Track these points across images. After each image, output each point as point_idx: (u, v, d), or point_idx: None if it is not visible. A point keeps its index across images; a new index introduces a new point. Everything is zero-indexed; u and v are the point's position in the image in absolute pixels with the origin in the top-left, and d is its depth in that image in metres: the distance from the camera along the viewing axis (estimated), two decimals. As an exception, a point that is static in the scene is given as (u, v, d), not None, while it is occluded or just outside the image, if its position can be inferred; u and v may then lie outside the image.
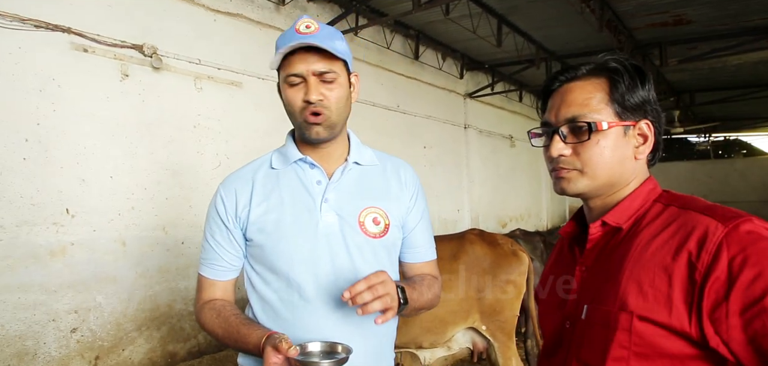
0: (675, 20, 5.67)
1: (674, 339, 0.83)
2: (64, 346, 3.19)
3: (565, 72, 1.00)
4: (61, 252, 3.19)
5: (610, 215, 0.96)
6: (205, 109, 4.04)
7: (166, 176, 3.76)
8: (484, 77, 8.16)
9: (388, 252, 1.31)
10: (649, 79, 0.96)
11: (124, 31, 3.51)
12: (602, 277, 0.94)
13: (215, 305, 1.28)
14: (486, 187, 8.39)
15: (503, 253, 3.62)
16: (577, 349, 0.94)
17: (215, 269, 1.30)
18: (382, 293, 1.08)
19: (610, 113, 0.93)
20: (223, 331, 1.23)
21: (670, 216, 0.90)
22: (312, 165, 1.28)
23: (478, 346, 3.71)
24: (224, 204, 1.28)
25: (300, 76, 1.18)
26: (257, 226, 1.24)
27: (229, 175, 1.33)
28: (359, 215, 1.26)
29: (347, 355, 1.07)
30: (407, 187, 1.36)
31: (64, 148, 3.21)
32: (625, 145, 0.94)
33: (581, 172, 0.96)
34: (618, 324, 0.86)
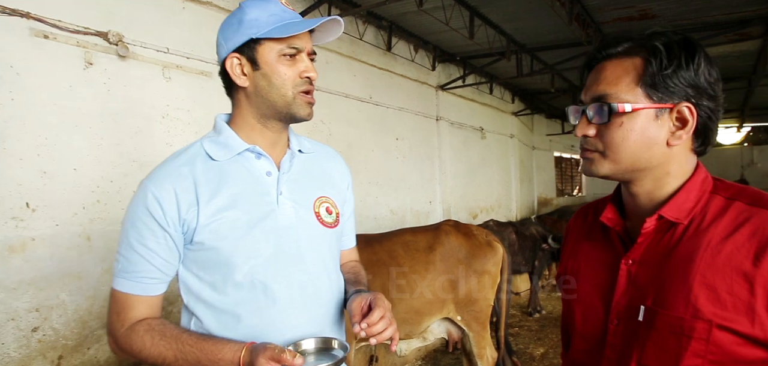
0: (641, 14, 5.81)
1: (753, 347, 0.82)
2: (25, 346, 3.05)
3: (605, 47, 0.95)
4: (21, 248, 3.05)
5: (667, 209, 0.91)
6: (175, 99, 3.92)
7: (134, 168, 3.63)
8: (456, 69, 8.20)
9: (338, 242, 1.32)
10: (700, 58, 0.87)
11: (87, 17, 3.36)
12: (663, 276, 0.89)
13: (152, 325, 1.11)
14: (457, 178, 8.45)
15: (478, 243, 3.65)
16: (637, 353, 0.90)
17: (144, 283, 1.13)
18: (391, 320, 1.10)
19: (640, 95, 0.88)
20: (174, 353, 1.06)
21: (739, 214, 0.86)
22: (259, 155, 1.19)
23: (452, 336, 3.74)
24: (161, 204, 1.11)
25: (299, 50, 1.14)
26: (210, 228, 1.11)
27: (156, 171, 1.17)
28: (314, 205, 1.23)
29: (345, 353, 1.05)
30: (343, 176, 1.38)
31: (24, 139, 3.06)
32: (655, 129, 0.89)
33: (603, 155, 0.93)
34: (693, 333, 0.84)
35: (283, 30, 1.11)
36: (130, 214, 1.16)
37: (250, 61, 1.15)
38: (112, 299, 1.15)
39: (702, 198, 0.91)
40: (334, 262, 1.28)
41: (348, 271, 1.37)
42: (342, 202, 1.33)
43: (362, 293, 1.20)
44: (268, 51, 1.14)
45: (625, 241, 0.99)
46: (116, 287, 1.14)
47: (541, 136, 13.57)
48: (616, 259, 0.97)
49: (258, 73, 1.15)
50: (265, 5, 1.15)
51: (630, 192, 0.97)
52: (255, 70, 1.15)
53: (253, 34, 1.13)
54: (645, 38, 0.91)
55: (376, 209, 6.36)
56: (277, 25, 1.12)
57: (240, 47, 1.15)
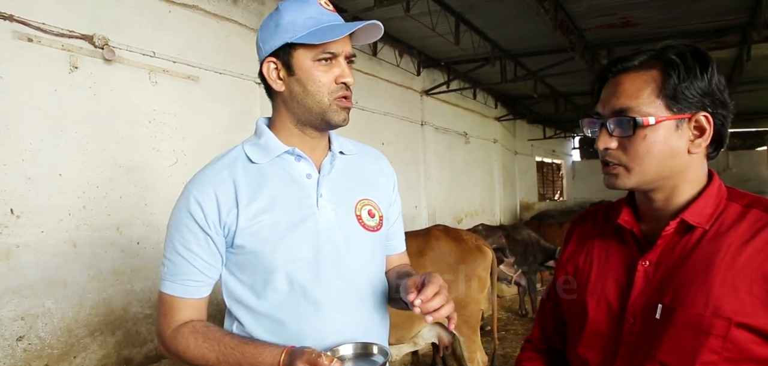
0: (622, 22, 5.95)
1: (765, 344, 0.86)
2: (10, 355, 2.98)
3: (620, 61, 0.96)
4: (5, 255, 2.98)
5: (689, 214, 0.94)
6: (161, 104, 3.88)
7: (120, 174, 3.58)
8: (440, 75, 8.26)
9: (382, 245, 1.26)
10: (712, 67, 0.91)
11: (72, 20, 3.31)
12: (681, 277, 0.92)
13: (197, 327, 1.12)
14: (442, 183, 8.51)
15: (468, 248, 3.68)
16: (653, 350, 0.92)
17: (189, 286, 1.14)
18: (448, 297, 1.04)
19: (661, 107, 0.91)
20: (217, 356, 1.08)
21: (757, 220, 0.91)
22: (299, 157, 1.17)
23: (443, 341, 3.75)
24: (202, 208, 1.11)
25: (335, 55, 1.11)
26: (250, 230, 1.11)
27: (199, 174, 1.17)
28: (355, 208, 1.19)
29: (386, 359, 1.03)
30: (389, 179, 1.33)
31: (8, 144, 3.00)
32: (677, 139, 0.92)
33: (628, 169, 0.95)
34: (712, 329, 0.87)
35: (318, 35, 1.08)
36: (173, 218, 1.16)
37: (285, 66, 1.13)
38: (159, 302, 1.17)
39: (720, 204, 0.95)
40: (377, 266, 1.24)
41: (397, 271, 1.32)
42: (387, 205, 1.28)
43: (406, 275, 1.22)
44: (303, 56, 1.11)
45: (640, 242, 1.01)
46: (163, 290, 1.15)
47: (524, 141, 13.73)
48: (633, 259, 1.00)
49: (293, 78, 1.13)
50: (303, 7, 1.11)
51: (648, 197, 1.00)
52: (290, 75, 1.13)
53: (288, 39, 1.10)
54: (659, 51, 0.94)
55: (363, 214, 6.36)
56: (313, 30, 1.09)
57: (276, 51, 1.13)
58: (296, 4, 1.13)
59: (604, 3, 5.39)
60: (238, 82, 4.52)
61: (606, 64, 1.00)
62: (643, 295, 0.96)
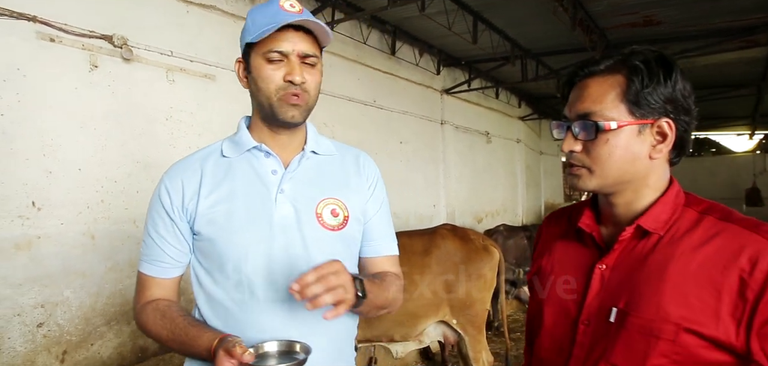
0: (645, 21, 5.81)
1: (714, 350, 0.87)
2: (30, 341, 3.13)
3: (586, 65, 0.98)
4: (26, 245, 3.13)
5: (645, 220, 0.95)
6: (178, 102, 4.00)
7: (137, 169, 3.71)
8: (461, 74, 8.22)
9: (347, 245, 1.25)
10: (676, 74, 0.92)
11: (92, 20, 3.45)
12: (635, 282, 0.94)
13: (158, 305, 1.19)
14: (462, 182, 8.47)
15: (474, 248, 3.68)
16: (608, 353, 0.94)
17: (158, 266, 1.21)
18: (335, 284, 1.02)
19: (624, 111, 0.92)
20: (168, 334, 1.15)
21: (710, 227, 0.91)
22: (267, 153, 1.22)
23: (449, 340, 3.76)
24: (169, 194, 1.19)
25: (283, 54, 1.13)
26: (206, 218, 1.17)
27: (174, 164, 1.25)
28: (316, 207, 1.21)
29: (306, 356, 1.03)
30: (366, 178, 1.31)
31: (30, 140, 3.15)
32: (638, 144, 0.93)
33: (590, 171, 0.97)
34: (661, 334, 0.88)
35: (261, 34, 1.12)
36: (149, 204, 1.25)
37: (246, 65, 1.20)
38: (137, 280, 1.26)
39: (676, 211, 0.96)
40: None
41: (373, 274, 1.28)
42: (361, 204, 1.27)
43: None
44: (255, 55, 1.16)
45: (599, 246, 1.03)
46: (139, 269, 1.25)
47: (549, 141, 13.51)
48: (591, 263, 1.02)
49: (251, 77, 1.19)
50: (264, 9, 1.15)
51: (609, 202, 1.01)
52: (249, 74, 1.19)
53: (246, 39, 1.16)
54: (625, 56, 0.95)
55: (379, 212, 6.39)
56: (261, 30, 1.12)
57: (243, 52, 1.20)
58: (261, 6, 1.17)
59: (625, 2, 5.28)
60: (254, 80, 4.62)
61: (573, 67, 1.02)
62: (598, 298, 0.98)
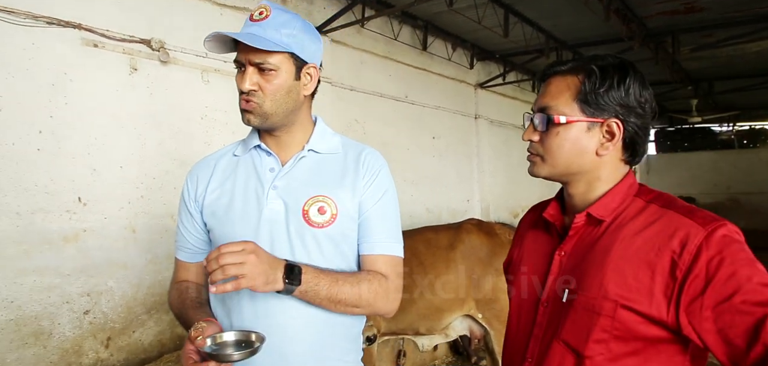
0: (686, 8, 5.58)
1: (650, 326, 0.94)
2: (78, 327, 3.36)
3: (554, 66, 1.10)
4: (74, 238, 3.36)
5: (594, 208, 1.04)
6: (213, 101, 4.17)
7: (175, 166, 3.90)
8: (496, 67, 8.13)
9: (335, 243, 1.26)
10: (630, 80, 1.01)
11: (132, 26, 3.65)
12: (585, 265, 1.02)
13: (181, 287, 1.36)
14: (497, 177, 8.39)
15: (500, 242, 3.68)
16: (559, 330, 1.02)
17: (184, 252, 1.39)
18: (227, 263, 1.05)
19: (575, 109, 1.02)
20: (177, 312, 1.32)
21: (652, 214, 0.99)
22: (268, 153, 1.31)
23: (475, 334, 3.78)
24: (188, 189, 1.37)
25: (242, 63, 1.23)
26: (210, 209, 1.31)
27: (196, 163, 1.41)
28: (304, 204, 1.25)
29: (260, 345, 1.07)
30: (364, 173, 1.31)
31: (76, 140, 3.37)
32: (587, 140, 1.03)
33: (543, 159, 1.08)
34: (602, 310, 0.96)
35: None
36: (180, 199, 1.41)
37: None
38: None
39: (626, 200, 1.04)
40: (324, 260, 1.25)
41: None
42: (353, 201, 1.28)
43: None
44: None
45: (561, 235, 1.13)
46: (175, 254, 1.43)
47: (590, 133, 13.15)
48: (553, 250, 1.12)
49: None
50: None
51: (568, 193, 1.12)
52: None
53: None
54: (587, 60, 1.05)
55: (412, 207, 6.44)
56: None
57: None
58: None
59: (663, -12, 5.11)
60: (286, 79, 4.75)
61: (545, 67, 1.14)
62: (556, 282, 1.08)
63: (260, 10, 1.23)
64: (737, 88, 9.57)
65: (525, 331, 1.12)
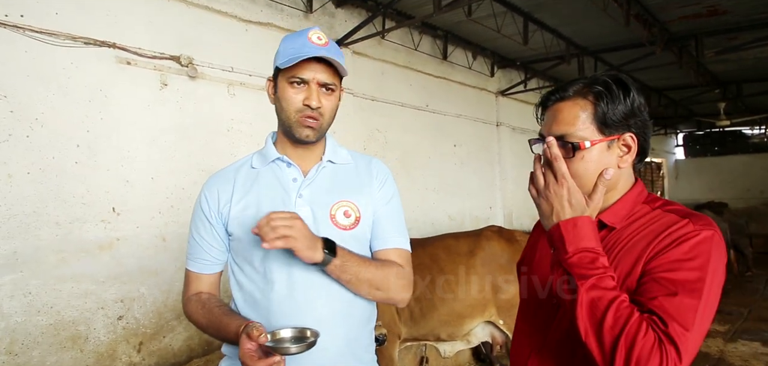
0: (709, 11, 5.53)
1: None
2: (112, 331, 3.52)
3: (557, 91, 1.14)
4: (108, 246, 3.52)
5: (605, 215, 1.11)
6: (238, 114, 4.31)
7: (203, 177, 4.04)
8: (517, 75, 8.14)
9: (360, 243, 1.39)
10: (632, 91, 1.08)
11: (162, 43, 3.82)
12: None
13: (201, 298, 1.39)
14: (520, 184, 8.37)
15: (520, 248, 3.70)
16: (569, 324, 1.08)
17: (200, 263, 1.41)
18: (279, 225, 1.15)
19: (594, 131, 1.07)
20: (206, 321, 1.35)
21: (653, 217, 1.07)
22: (288, 164, 1.39)
23: (496, 340, 3.81)
24: (207, 201, 1.40)
25: (304, 80, 1.31)
26: (237, 220, 1.35)
27: (212, 175, 1.47)
28: (331, 209, 1.36)
29: (315, 339, 1.17)
30: (375, 178, 1.46)
31: (111, 153, 3.54)
32: (608, 157, 1.08)
33: None
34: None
35: (287, 62, 1.30)
36: (193, 211, 1.46)
37: (274, 85, 1.40)
38: (184, 276, 1.46)
39: (635, 207, 1.12)
40: None
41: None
42: (370, 205, 1.41)
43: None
44: (281, 79, 1.35)
45: None
46: (186, 266, 1.46)
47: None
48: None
49: (276, 96, 1.39)
50: (293, 40, 1.34)
51: None
52: (275, 94, 1.40)
53: (276, 64, 1.36)
54: (588, 82, 1.10)
55: (434, 214, 6.49)
56: (289, 58, 1.30)
57: (273, 74, 1.40)
58: (292, 36, 1.37)
59: (684, -7, 5.08)
60: (308, 91, 4.87)
61: (545, 94, 1.19)
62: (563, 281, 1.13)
63: (318, 36, 1.33)
64: (767, 90, 9.37)
65: (539, 320, 1.20)
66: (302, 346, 1.15)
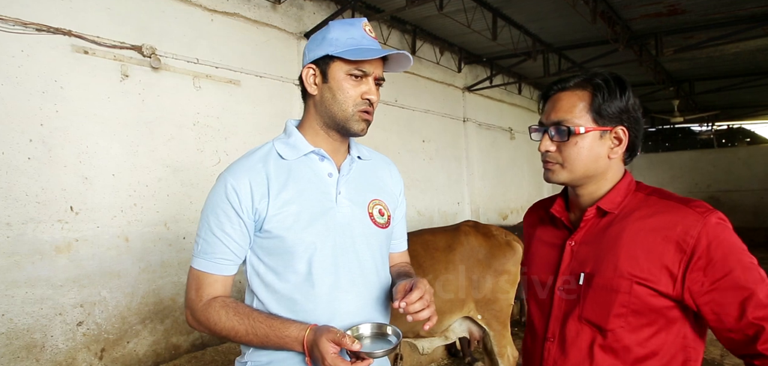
0: (669, 10, 5.71)
1: (661, 298, 1.10)
2: (71, 338, 3.29)
3: (559, 82, 1.23)
4: (66, 248, 3.29)
5: (603, 202, 1.19)
6: (204, 108, 4.13)
7: (167, 173, 3.85)
8: (483, 70, 8.20)
9: (388, 242, 1.41)
10: (628, 90, 1.17)
11: (123, 32, 3.60)
12: (598, 251, 1.17)
13: (227, 302, 1.25)
14: (486, 179, 8.46)
15: (497, 243, 3.69)
16: (578, 309, 1.17)
17: (220, 264, 1.26)
18: (430, 302, 1.19)
19: (589, 120, 1.16)
20: (247, 328, 1.21)
21: (654, 204, 1.15)
22: (322, 157, 1.32)
23: (474, 335, 3.79)
24: (238, 194, 1.24)
25: (366, 74, 1.26)
26: (277, 218, 1.24)
27: (235, 164, 1.30)
28: (368, 206, 1.35)
29: (399, 340, 1.18)
30: (396, 183, 1.49)
31: (67, 148, 3.31)
32: (600, 146, 1.17)
33: (562, 166, 1.20)
34: (619, 288, 1.11)
35: (355, 53, 1.23)
36: (210, 203, 1.28)
37: (322, 73, 1.29)
38: (191, 277, 1.28)
39: (628, 194, 1.21)
40: (383, 259, 1.39)
41: (398, 270, 1.46)
42: (394, 207, 1.44)
43: (407, 278, 1.32)
44: (338, 69, 1.26)
45: (569, 228, 1.27)
46: (196, 266, 1.27)
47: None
48: (562, 241, 1.26)
49: (326, 85, 1.28)
50: (349, 28, 1.27)
51: (577, 193, 1.26)
52: (324, 82, 1.28)
53: (329, 51, 1.25)
54: (590, 76, 1.20)
55: (403, 210, 6.44)
56: (351, 48, 1.24)
57: (317, 60, 1.28)
58: (344, 24, 1.29)
59: (647, -9, 5.21)
60: (278, 84, 4.73)
61: (547, 85, 1.27)
62: (569, 268, 1.22)
63: (370, 29, 1.31)
64: (717, 88, 9.80)
65: (545, 315, 1.26)
66: (388, 350, 1.13)
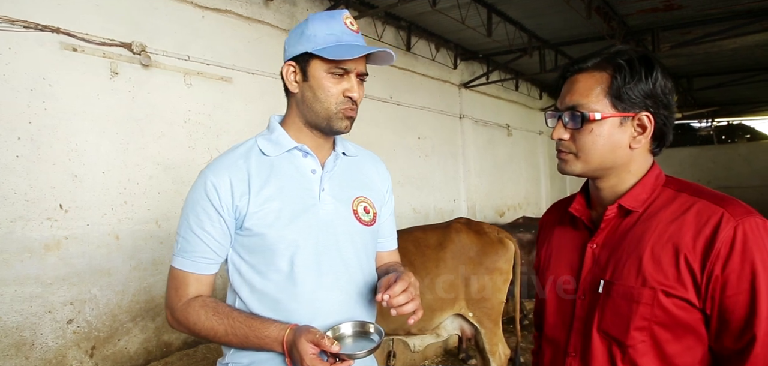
0: (665, 6, 5.68)
1: (691, 310, 0.96)
2: (61, 336, 3.29)
3: (576, 63, 1.08)
4: (55, 246, 3.28)
5: (625, 200, 1.04)
6: (196, 105, 4.11)
7: (158, 171, 3.84)
8: (479, 67, 8.18)
9: (374, 240, 1.38)
10: (656, 71, 1.01)
11: (112, 29, 3.58)
12: (619, 254, 1.03)
13: (207, 302, 1.22)
14: (483, 176, 8.44)
15: (489, 241, 3.68)
16: (597, 320, 1.03)
17: (200, 262, 1.23)
18: (415, 295, 1.16)
19: (607, 105, 1.01)
20: (226, 329, 1.19)
21: (684, 202, 1.00)
22: (306, 153, 1.29)
23: (465, 333, 3.78)
24: (217, 191, 1.20)
25: (347, 71, 1.21)
26: (258, 215, 1.21)
27: (216, 161, 1.26)
28: (352, 204, 1.31)
29: (381, 339, 1.14)
30: (384, 180, 1.45)
31: (56, 145, 3.30)
32: (620, 134, 1.02)
33: (576, 156, 1.06)
34: (641, 298, 0.97)
35: (334, 52, 1.18)
36: (189, 200, 1.25)
37: (302, 71, 1.24)
38: (170, 276, 1.25)
39: (655, 190, 1.05)
40: (368, 257, 1.35)
41: (386, 268, 1.40)
42: (380, 204, 1.40)
43: (392, 272, 1.28)
44: (317, 67, 1.22)
45: (590, 228, 1.12)
46: (176, 265, 1.24)
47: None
48: (584, 243, 1.12)
49: (306, 84, 1.24)
50: (328, 23, 1.22)
51: (596, 186, 1.11)
52: (305, 81, 1.24)
53: (308, 49, 1.21)
54: (611, 55, 1.04)
55: (398, 208, 6.41)
56: (330, 46, 1.19)
57: (297, 57, 1.24)
58: (323, 18, 1.24)
59: (643, -13, 5.18)
60: (270, 81, 4.71)
61: (565, 65, 1.12)
62: (590, 274, 1.08)
63: (351, 21, 1.25)
64: (715, 84, 9.77)
65: (565, 325, 1.13)
66: (369, 350, 1.09)
